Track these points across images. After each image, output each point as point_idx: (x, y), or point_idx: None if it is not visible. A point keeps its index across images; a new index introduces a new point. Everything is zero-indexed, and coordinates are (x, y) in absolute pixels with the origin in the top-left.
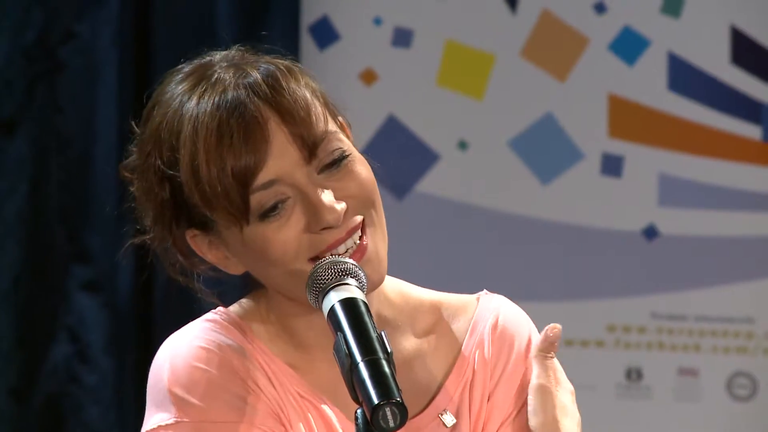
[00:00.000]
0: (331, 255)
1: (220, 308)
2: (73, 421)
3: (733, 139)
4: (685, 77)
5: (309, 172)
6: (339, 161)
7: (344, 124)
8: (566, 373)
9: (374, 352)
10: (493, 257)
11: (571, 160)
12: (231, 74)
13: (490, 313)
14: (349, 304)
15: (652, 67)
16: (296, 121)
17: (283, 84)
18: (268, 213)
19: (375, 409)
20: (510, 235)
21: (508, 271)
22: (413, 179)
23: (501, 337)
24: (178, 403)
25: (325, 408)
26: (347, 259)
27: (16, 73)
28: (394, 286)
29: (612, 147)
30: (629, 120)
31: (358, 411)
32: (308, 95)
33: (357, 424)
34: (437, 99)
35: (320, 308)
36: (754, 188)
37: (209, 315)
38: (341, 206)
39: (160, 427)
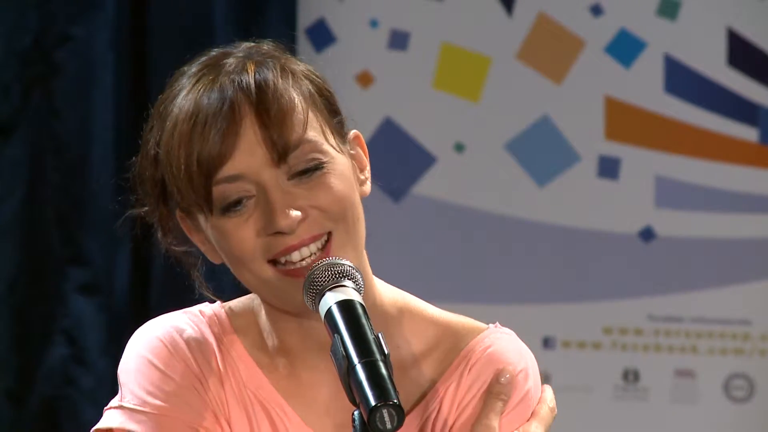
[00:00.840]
0: (286, 261)
1: (217, 303)
2: (69, 423)
3: (729, 141)
4: (682, 79)
5: (278, 175)
6: (311, 171)
7: (358, 137)
8: (564, 375)
9: (371, 354)
10: (490, 259)
11: (568, 163)
12: (233, 65)
13: (483, 345)
14: (346, 306)
15: (649, 70)
16: (270, 122)
17: (271, 83)
18: (231, 207)
19: (372, 411)
20: (507, 238)
21: (504, 274)
22: (410, 182)
23: (481, 370)
24: (123, 387)
25: (282, 414)
26: (344, 261)
27: (13, 76)
28: (393, 298)
29: (608, 149)
30: (626, 122)
31: (355, 413)
32: (296, 99)
33: (354, 426)
34: (434, 101)
35: (317, 310)
36: (751, 190)
37: (194, 307)
38: (295, 213)
39: (111, 407)
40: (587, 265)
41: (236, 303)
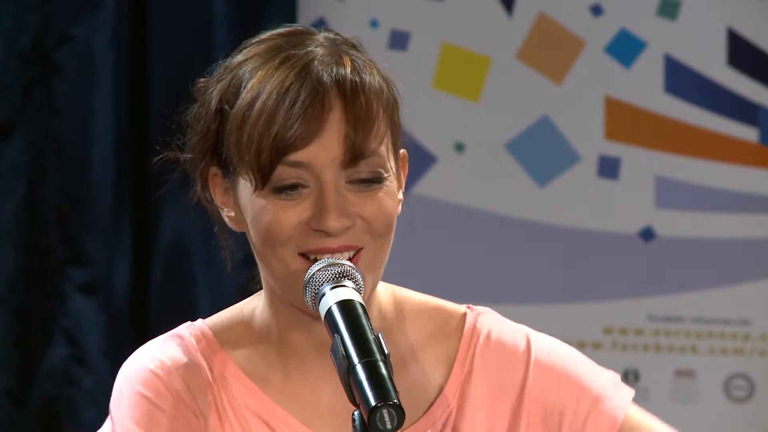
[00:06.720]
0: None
1: (200, 320)
2: (69, 423)
3: (729, 141)
4: (682, 79)
5: (340, 175)
6: (371, 182)
7: (405, 157)
8: None
9: (371, 353)
10: (490, 260)
11: (568, 163)
12: (326, 54)
13: (482, 327)
14: (346, 306)
15: (649, 70)
16: (357, 125)
17: (367, 89)
18: (285, 189)
19: (372, 411)
20: (507, 238)
21: (505, 274)
22: (410, 181)
23: (496, 352)
24: (115, 422)
25: (285, 426)
26: (344, 261)
27: (12, 76)
28: (386, 293)
29: (608, 149)
30: (626, 122)
31: (356, 413)
32: (381, 111)
33: (354, 426)
34: (434, 101)
35: (317, 310)
36: (751, 190)
37: (179, 329)
38: (346, 219)
39: None
40: (587, 265)
41: (221, 317)
